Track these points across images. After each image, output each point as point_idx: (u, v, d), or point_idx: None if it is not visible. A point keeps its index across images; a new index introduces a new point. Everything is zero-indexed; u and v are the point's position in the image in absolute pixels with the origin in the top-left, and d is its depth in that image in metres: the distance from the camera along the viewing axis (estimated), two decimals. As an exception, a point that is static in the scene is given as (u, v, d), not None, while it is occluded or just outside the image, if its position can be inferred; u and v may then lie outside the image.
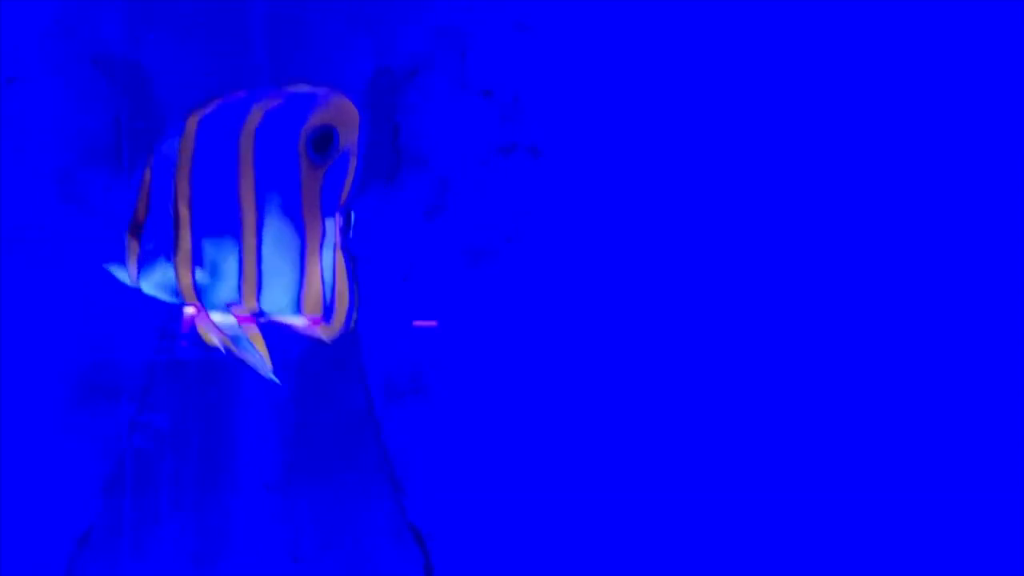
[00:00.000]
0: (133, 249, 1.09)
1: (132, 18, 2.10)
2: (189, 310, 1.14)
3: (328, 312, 1.12)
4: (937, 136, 2.15)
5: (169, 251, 1.08)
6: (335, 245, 1.11)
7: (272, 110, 1.09)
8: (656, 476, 2.14)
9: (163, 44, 2.10)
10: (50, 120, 2.09)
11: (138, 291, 2.10)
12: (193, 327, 2.07)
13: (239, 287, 1.09)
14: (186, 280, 1.09)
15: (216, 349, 2.09)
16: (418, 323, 2.11)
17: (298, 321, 1.13)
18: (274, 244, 1.09)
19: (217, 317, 1.11)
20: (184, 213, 1.07)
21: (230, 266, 1.09)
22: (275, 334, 2.12)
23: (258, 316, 1.13)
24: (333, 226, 1.11)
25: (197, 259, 1.08)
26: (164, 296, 1.12)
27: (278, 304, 1.11)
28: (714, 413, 2.14)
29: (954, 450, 2.14)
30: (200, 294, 1.09)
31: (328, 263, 1.11)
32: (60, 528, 2.09)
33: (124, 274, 1.12)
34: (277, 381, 1.15)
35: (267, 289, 1.09)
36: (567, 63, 2.13)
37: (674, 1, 2.13)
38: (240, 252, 1.08)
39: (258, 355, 1.14)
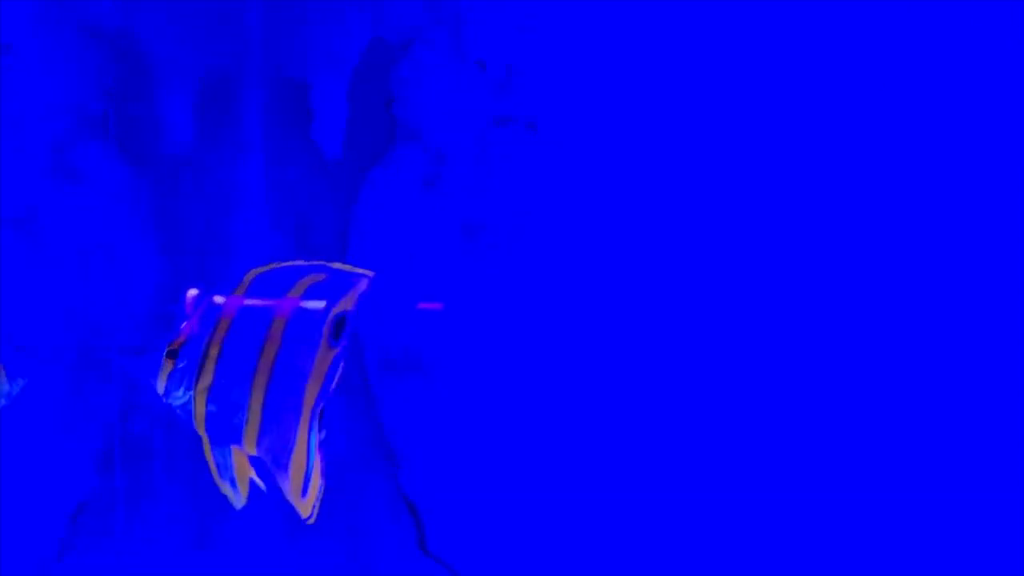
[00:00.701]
0: (166, 369, 1.21)
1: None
2: (192, 292, 1.23)
3: (305, 485, 1.25)
4: (937, 136, 2.15)
5: (191, 381, 1.20)
6: (315, 427, 1.23)
7: (314, 285, 1.20)
8: (649, 452, 2.15)
9: (155, 15, 2.10)
10: (42, 89, 2.09)
11: (131, 272, 2.11)
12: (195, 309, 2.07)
13: (242, 429, 1.21)
14: (200, 409, 1.21)
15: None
16: (423, 305, 2.12)
17: (284, 483, 1.24)
18: (278, 402, 1.21)
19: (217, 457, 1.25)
20: (214, 352, 1.19)
21: (237, 409, 1.20)
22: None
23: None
24: (319, 411, 1.23)
25: (212, 395, 1.20)
26: (184, 415, 1.24)
27: (272, 456, 1.23)
28: (708, 389, 2.15)
29: (954, 450, 2.15)
30: (209, 423, 1.21)
31: (313, 442, 1.24)
32: (55, 503, 2.10)
33: (158, 388, 1.25)
34: (239, 504, 1.26)
35: (265, 437, 1.21)
36: (562, 34, 2.13)
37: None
38: (248, 400, 1.19)
39: (235, 492, 1.27)
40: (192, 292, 1.21)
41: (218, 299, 1.20)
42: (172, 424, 2.12)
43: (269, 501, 2.14)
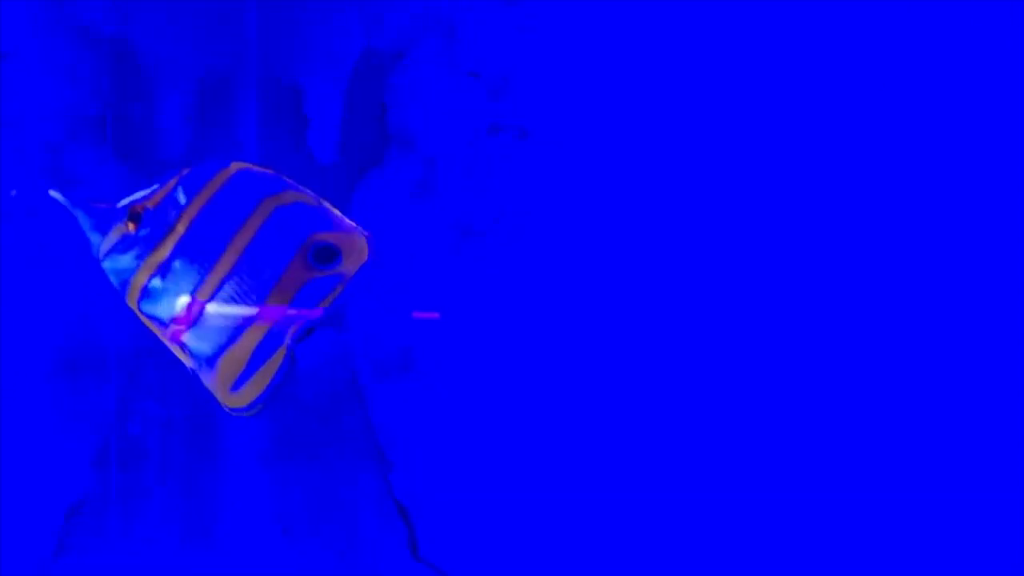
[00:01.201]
0: (119, 230, 1.16)
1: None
2: (183, 299, 1.20)
3: (238, 383, 1.19)
4: (936, 136, 2.14)
5: (146, 251, 1.15)
6: (284, 342, 1.18)
7: (303, 204, 1.17)
8: (642, 456, 2.15)
9: (152, 20, 2.10)
10: (39, 96, 2.10)
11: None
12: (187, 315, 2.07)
13: (173, 314, 1.17)
14: (140, 280, 1.16)
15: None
16: (419, 315, 2.13)
17: (205, 375, 1.20)
18: (226, 300, 1.16)
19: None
20: (179, 230, 1.15)
21: (182, 292, 1.16)
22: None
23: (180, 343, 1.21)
24: (291, 325, 1.18)
25: (161, 270, 1.15)
26: (112, 279, 1.19)
27: (197, 347, 1.18)
28: (702, 392, 2.16)
29: (954, 450, 2.15)
30: (143, 296, 1.17)
31: (268, 350, 1.18)
32: (51, 502, 2.11)
33: (98, 242, 1.19)
34: (195, 368, 1.21)
35: (197, 330, 1.17)
36: (555, 44, 2.13)
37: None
38: (198, 287, 1.15)
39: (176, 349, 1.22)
40: (183, 300, 1.19)
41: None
42: (168, 424, 2.13)
43: (262, 505, 2.16)
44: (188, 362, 1.21)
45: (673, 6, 2.13)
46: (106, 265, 1.18)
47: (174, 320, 1.20)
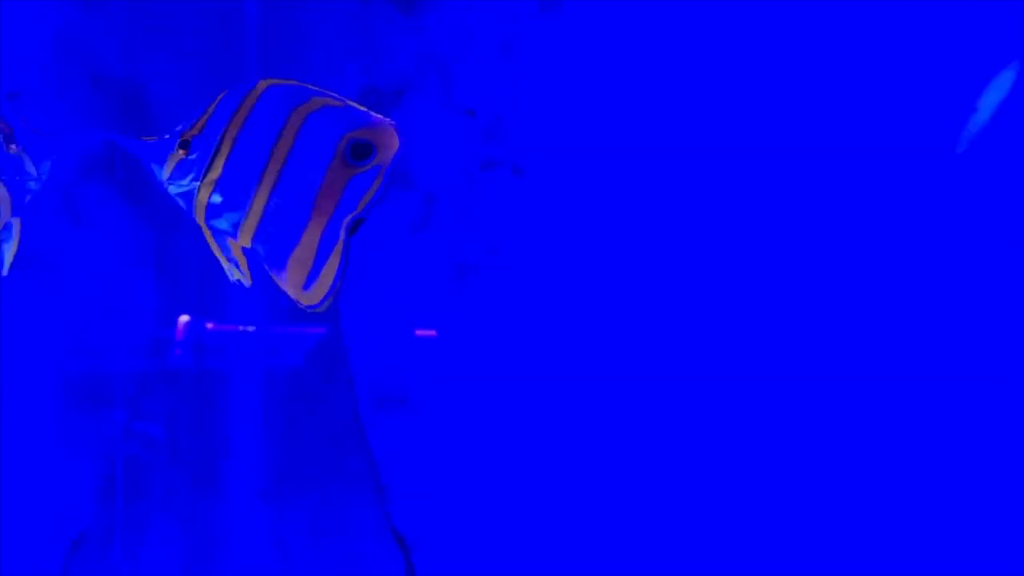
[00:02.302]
0: (175, 157, 1.27)
1: (130, 38, 2.14)
2: (183, 318, 1.25)
3: (309, 281, 1.26)
4: (935, 137, 2.15)
5: (201, 171, 1.25)
6: (340, 237, 1.27)
7: (331, 107, 1.26)
8: (638, 487, 2.16)
9: (158, 63, 2.14)
10: (51, 135, 2.13)
11: (132, 301, 2.15)
12: (186, 335, 2.11)
13: (240, 222, 1.26)
14: (203, 198, 1.26)
15: (208, 359, 2.14)
16: (420, 332, 2.15)
17: (280, 278, 1.28)
18: (283, 204, 1.26)
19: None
20: (225, 148, 1.25)
21: (241, 202, 1.26)
22: (265, 346, 2.15)
23: (252, 253, 1.30)
24: (343, 221, 1.27)
25: (219, 186, 1.25)
26: (180, 203, 1.29)
27: (267, 252, 1.27)
28: (697, 420, 2.17)
29: (955, 450, 2.15)
30: (208, 212, 1.26)
31: (328, 246, 1.27)
32: (55, 533, 2.12)
33: (160, 172, 1.30)
34: (248, 283, 1.30)
35: (263, 233, 1.26)
36: (548, 84, 2.16)
37: (653, 24, 2.16)
38: (252, 196, 1.24)
39: (231, 264, 1.30)
40: (183, 318, 1.24)
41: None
42: (173, 456, 2.15)
43: (262, 535, 2.17)
44: (244, 279, 1.29)
45: (661, 47, 2.16)
46: (171, 190, 1.28)
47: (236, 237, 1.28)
